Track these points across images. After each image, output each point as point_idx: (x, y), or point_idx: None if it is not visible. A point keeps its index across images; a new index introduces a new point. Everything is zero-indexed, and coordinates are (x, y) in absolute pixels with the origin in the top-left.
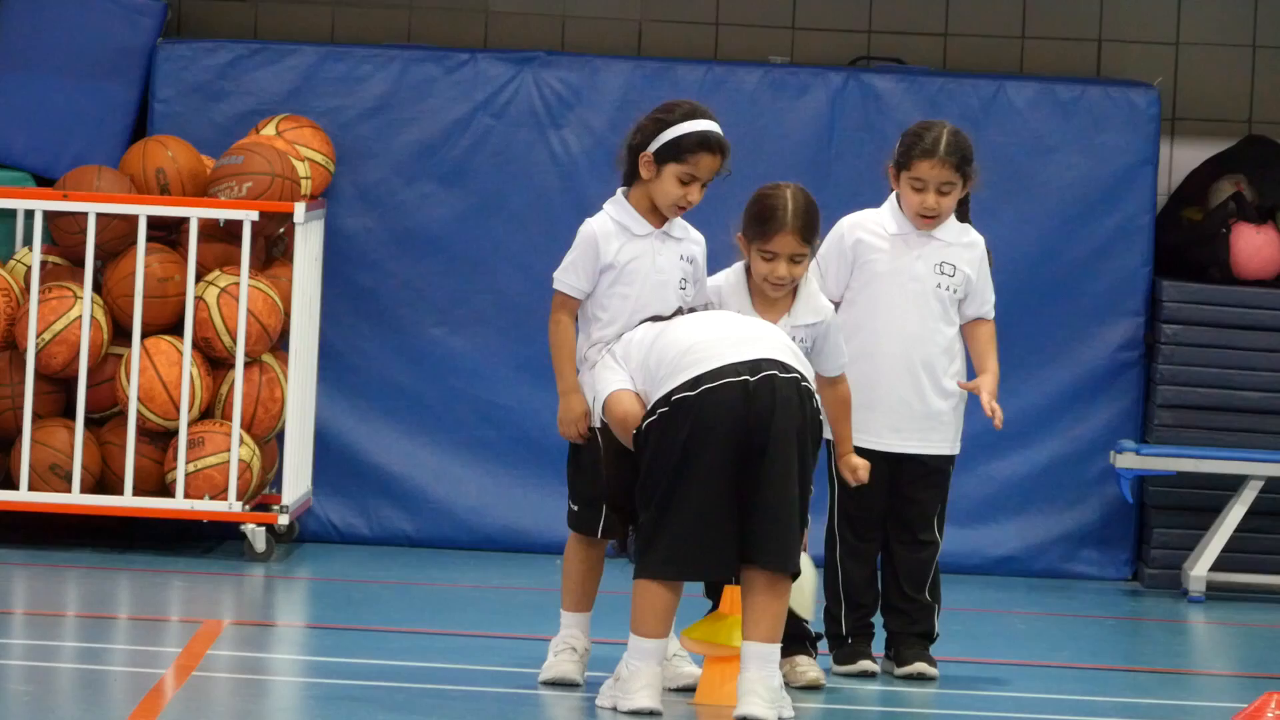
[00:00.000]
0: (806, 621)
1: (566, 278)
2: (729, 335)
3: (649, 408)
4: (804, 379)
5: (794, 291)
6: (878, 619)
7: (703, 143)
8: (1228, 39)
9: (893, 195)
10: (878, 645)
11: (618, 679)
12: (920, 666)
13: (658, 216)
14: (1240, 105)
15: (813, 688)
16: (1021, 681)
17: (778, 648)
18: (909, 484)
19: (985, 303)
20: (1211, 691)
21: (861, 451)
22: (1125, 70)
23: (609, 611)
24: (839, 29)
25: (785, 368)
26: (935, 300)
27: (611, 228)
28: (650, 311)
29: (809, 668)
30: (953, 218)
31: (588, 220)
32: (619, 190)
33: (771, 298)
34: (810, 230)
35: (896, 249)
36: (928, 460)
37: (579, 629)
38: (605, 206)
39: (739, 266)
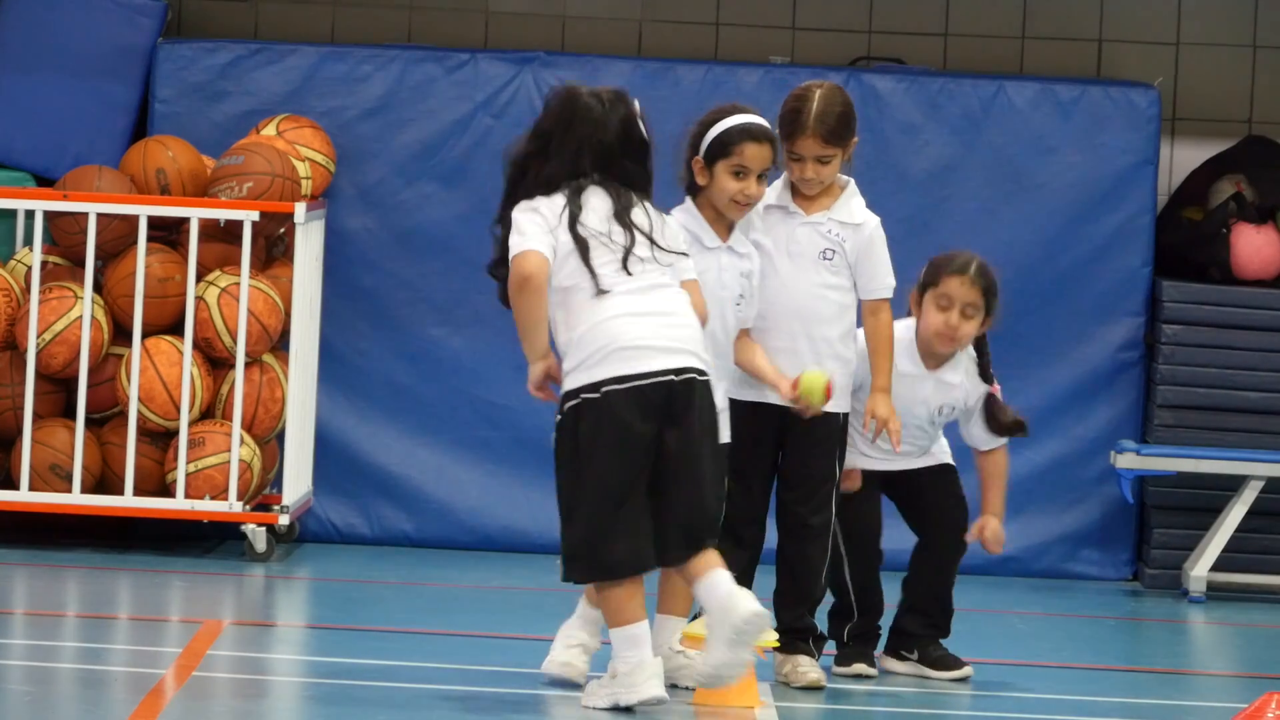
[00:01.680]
0: (810, 617)
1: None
2: (658, 340)
3: (570, 388)
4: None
5: (835, 193)
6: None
7: (744, 132)
8: (1228, 39)
9: None
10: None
11: (614, 676)
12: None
13: (724, 227)
14: (1240, 105)
15: (814, 688)
16: (1021, 681)
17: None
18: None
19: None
20: (1211, 691)
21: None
22: (1125, 70)
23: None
24: (839, 29)
25: (702, 373)
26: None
27: (684, 235)
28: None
29: (810, 668)
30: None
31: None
32: (687, 199)
33: (808, 195)
34: (835, 132)
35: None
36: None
37: (668, 631)
38: (676, 214)
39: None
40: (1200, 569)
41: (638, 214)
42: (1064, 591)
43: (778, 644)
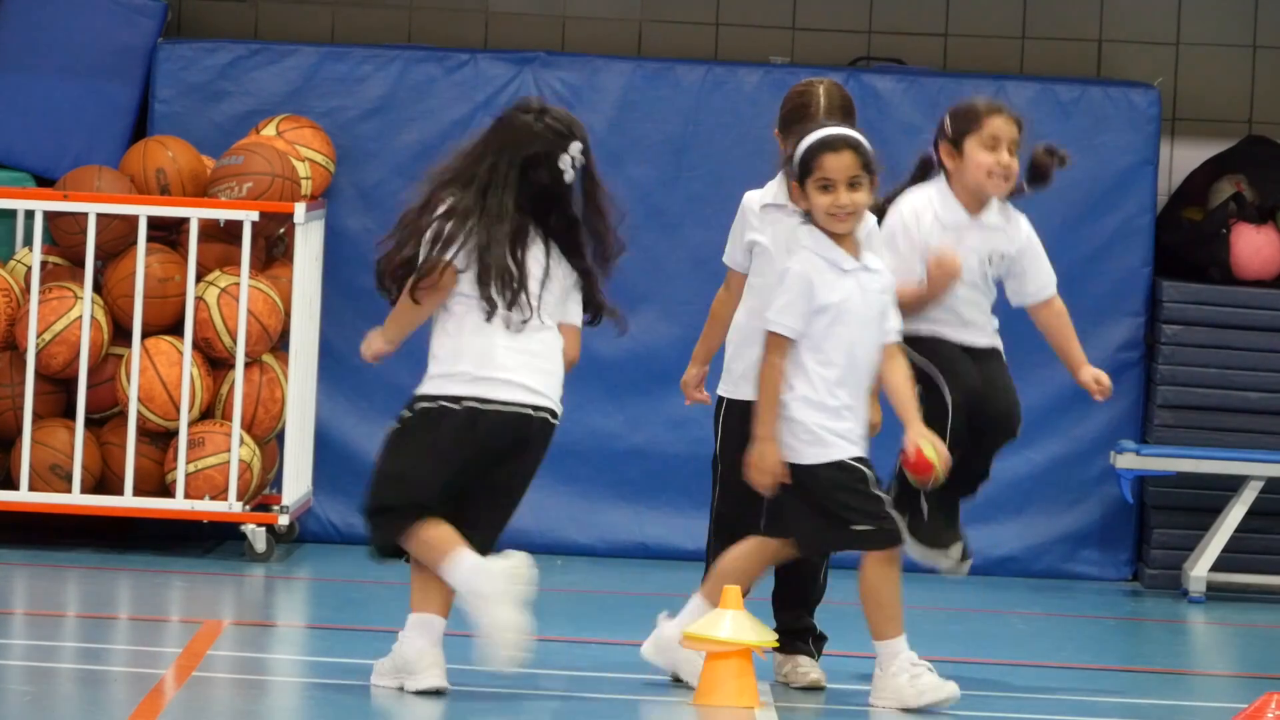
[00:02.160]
0: (809, 618)
1: (783, 319)
2: (526, 377)
3: (431, 392)
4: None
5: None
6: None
7: (821, 145)
8: (1228, 39)
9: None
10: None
11: (396, 657)
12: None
13: (850, 245)
14: (1240, 105)
15: (814, 689)
16: (1021, 681)
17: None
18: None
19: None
20: (1211, 691)
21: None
22: (1125, 70)
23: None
24: (839, 29)
25: (555, 415)
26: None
27: (820, 264)
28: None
29: (810, 668)
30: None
31: (792, 261)
32: (811, 229)
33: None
34: (843, 121)
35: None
36: None
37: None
38: (805, 244)
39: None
40: (1200, 569)
41: (535, 255)
42: (1064, 591)
43: (777, 644)
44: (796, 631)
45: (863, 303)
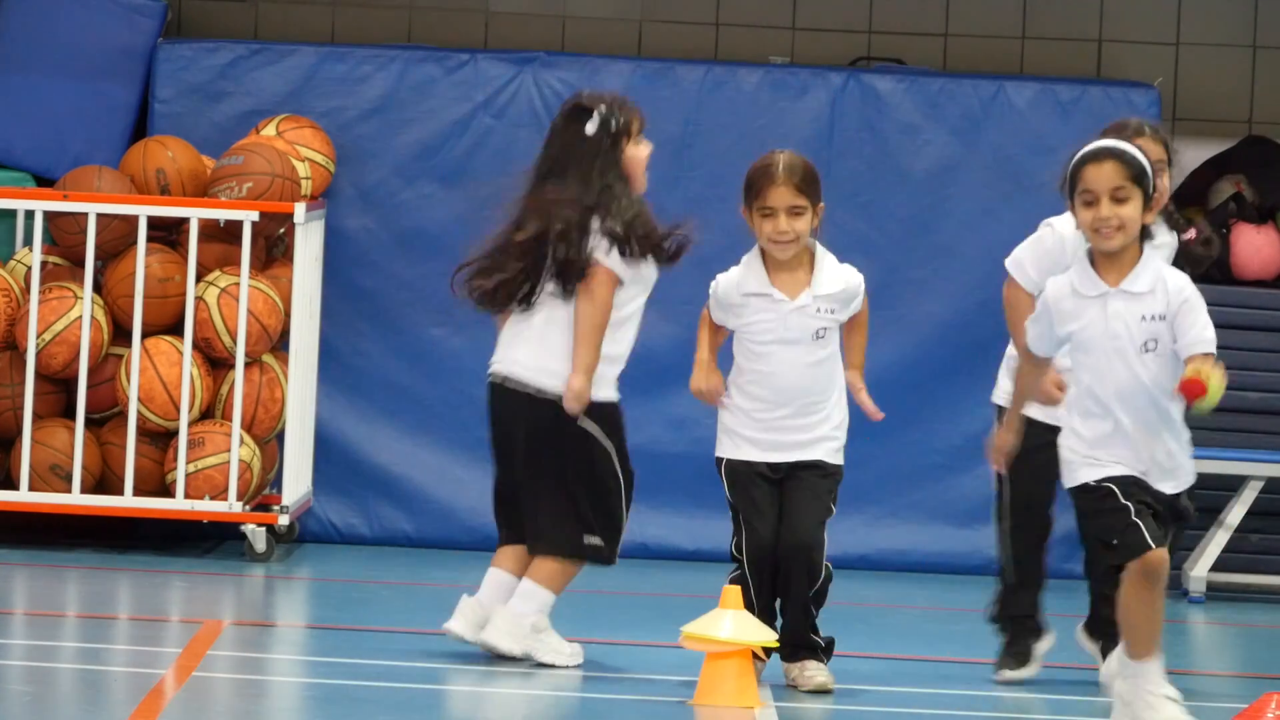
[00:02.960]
0: (816, 627)
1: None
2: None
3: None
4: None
5: (811, 263)
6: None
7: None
8: (1228, 39)
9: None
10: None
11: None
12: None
13: (1111, 267)
14: (1240, 105)
15: (821, 692)
16: (1021, 681)
17: (545, 592)
18: None
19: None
20: (1211, 691)
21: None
22: (1125, 70)
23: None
24: (839, 29)
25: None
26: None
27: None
28: None
29: (818, 672)
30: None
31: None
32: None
33: (780, 259)
34: (806, 182)
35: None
36: None
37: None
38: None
39: (755, 249)
40: (1200, 569)
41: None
42: (1064, 591)
43: (777, 644)
44: (804, 641)
45: (1105, 332)
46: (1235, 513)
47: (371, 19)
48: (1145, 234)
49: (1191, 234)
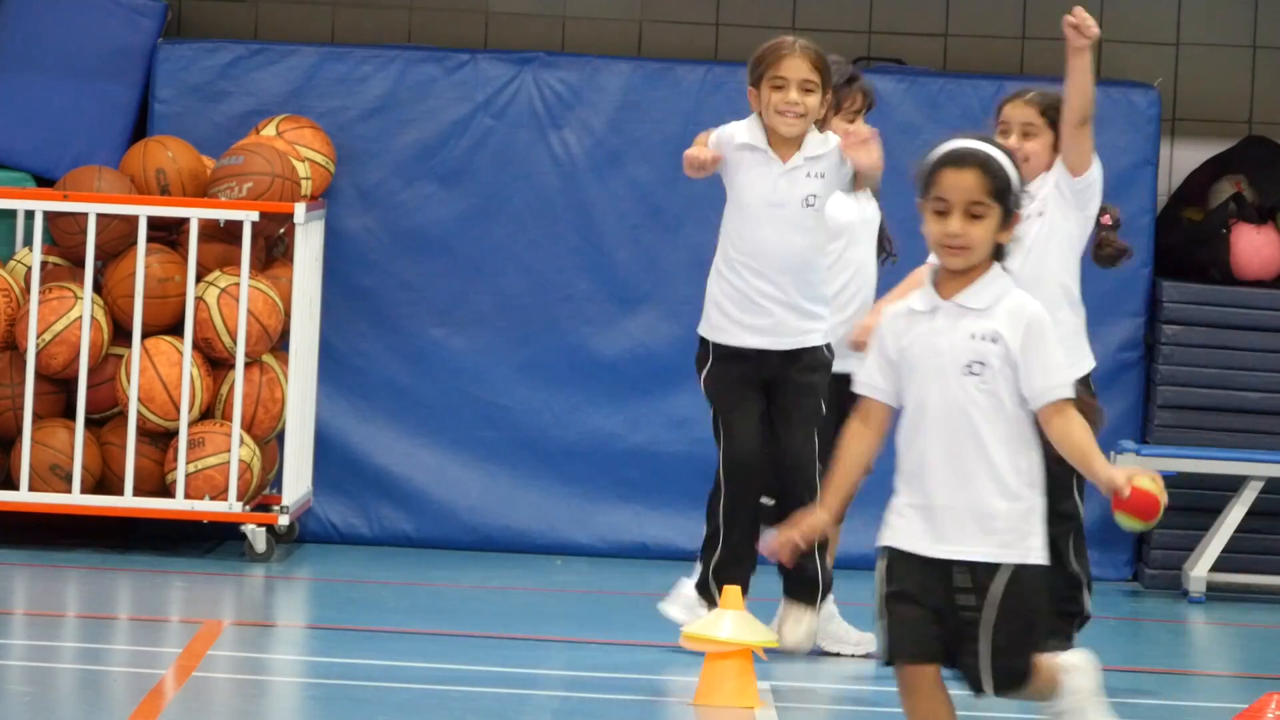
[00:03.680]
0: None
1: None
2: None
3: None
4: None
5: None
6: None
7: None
8: (1228, 39)
9: None
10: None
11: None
12: None
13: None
14: (1240, 105)
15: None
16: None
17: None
18: None
19: None
20: (1211, 691)
21: None
22: (1125, 70)
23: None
24: (839, 29)
25: None
26: None
27: None
28: None
29: (797, 624)
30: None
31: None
32: None
33: (785, 134)
34: (820, 62)
35: None
36: None
37: None
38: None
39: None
40: (1200, 569)
41: None
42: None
43: (777, 643)
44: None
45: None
46: (1235, 513)
47: (371, 19)
48: (999, 254)
49: (1105, 219)
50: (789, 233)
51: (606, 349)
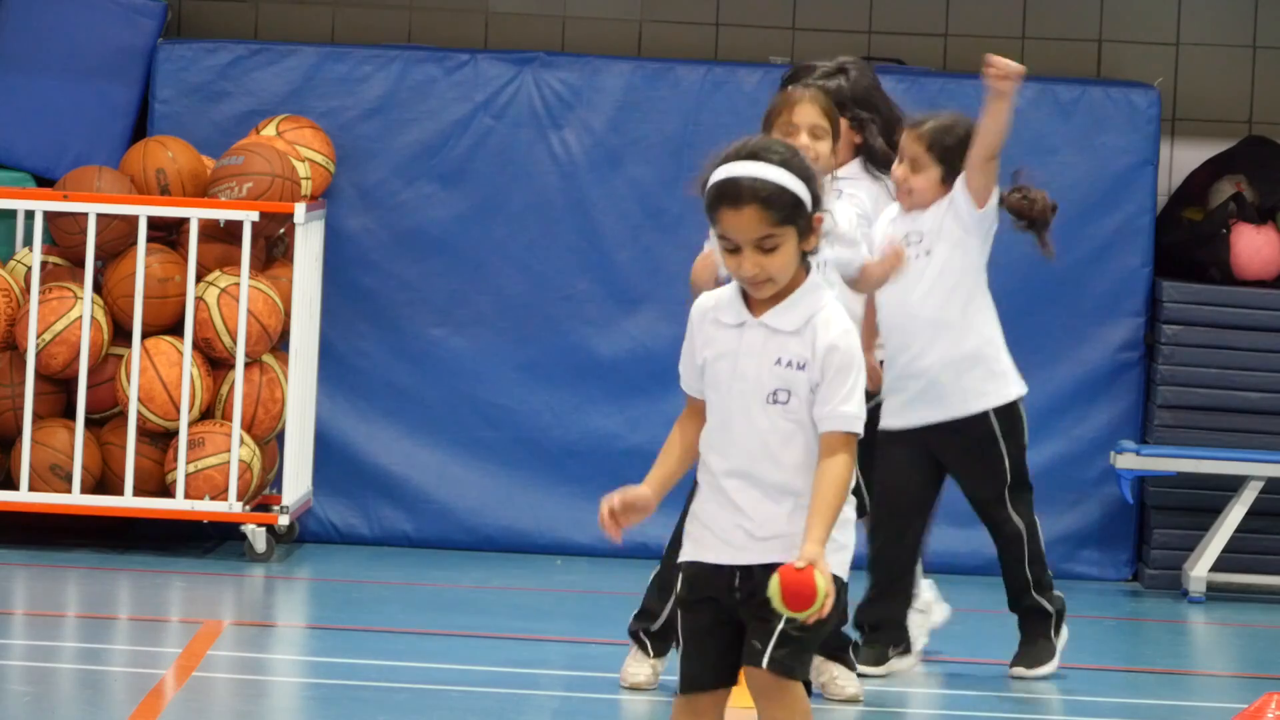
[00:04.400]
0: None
1: None
2: None
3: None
4: None
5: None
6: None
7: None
8: (1228, 39)
9: None
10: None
11: None
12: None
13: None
14: (1240, 105)
15: (852, 703)
16: (1022, 682)
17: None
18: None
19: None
20: (1211, 691)
21: None
22: (1125, 70)
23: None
24: (839, 29)
25: None
26: None
27: None
28: None
29: (849, 682)
30: None
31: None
32: None
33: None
34: (830, 109)
35: None
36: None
37: None
38: None
39: None
40: (1200, 569)
41: None
42: (1064, 591)
43: None
44: (832, 641)
45: None
46: (1235, 513)
47: (371, 19)
48: (809, 257)
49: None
50: None
51: (606, 349)
